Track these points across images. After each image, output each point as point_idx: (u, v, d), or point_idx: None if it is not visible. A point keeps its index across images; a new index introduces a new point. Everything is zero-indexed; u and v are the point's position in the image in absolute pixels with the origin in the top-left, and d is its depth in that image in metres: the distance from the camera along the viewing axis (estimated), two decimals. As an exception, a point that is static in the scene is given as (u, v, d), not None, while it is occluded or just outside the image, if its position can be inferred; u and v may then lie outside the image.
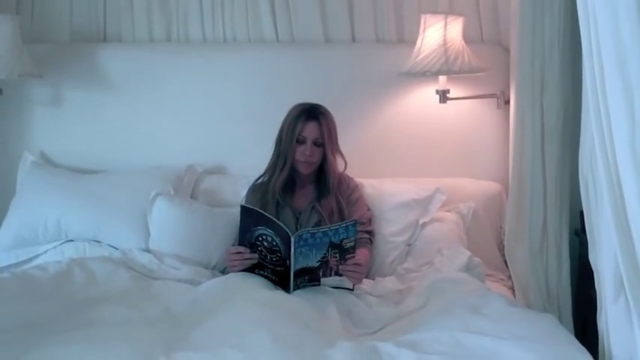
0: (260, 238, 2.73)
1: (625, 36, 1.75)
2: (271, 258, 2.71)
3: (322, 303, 2.56)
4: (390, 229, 3.18)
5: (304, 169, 3.09)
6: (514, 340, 2.04)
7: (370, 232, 3.12)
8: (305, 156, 3.06)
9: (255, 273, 2.76)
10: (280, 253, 2.67)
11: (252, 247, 2.77)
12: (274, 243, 2.67)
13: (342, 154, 3.16)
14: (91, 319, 2.41)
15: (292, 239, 2.59)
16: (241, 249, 2.79)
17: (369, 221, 3.14)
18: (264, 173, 3.16)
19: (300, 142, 3.07)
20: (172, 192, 3.36)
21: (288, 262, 2.63)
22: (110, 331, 2.26)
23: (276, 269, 2.71)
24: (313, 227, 2.87)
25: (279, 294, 2.60)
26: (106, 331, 2.26)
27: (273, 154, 3.14)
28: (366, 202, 3.20)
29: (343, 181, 3.17)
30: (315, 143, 3.07)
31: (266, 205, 3.07)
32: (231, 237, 3.15)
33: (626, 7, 1.73)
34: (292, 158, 3.07)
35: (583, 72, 2.07)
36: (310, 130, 3.07)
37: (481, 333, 2.10)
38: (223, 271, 3.12)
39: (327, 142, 3.07)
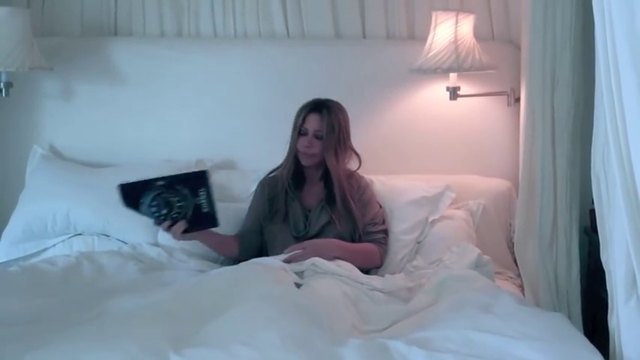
0: (154, 203, 2.78)
1: (640, 33, 1.75)
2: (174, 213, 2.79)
3: (331, 299, 2.55)
4: (400, 227, 3.17)
5: (304, 161, 3.11)
6: (524, 340, 2.02)
7: (385, 231, 3.13)
8: (303, 147, 3.09)
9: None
10: (182, 201, 2.76)
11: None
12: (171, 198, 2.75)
13: (355, 152, 3.17)
14: (100, 312, 2.41)
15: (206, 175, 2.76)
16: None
17: (383, 220, 3.15)
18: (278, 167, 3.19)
19: (303, 133, 3.09)
20: (180, 186, 3.35)
21: (199, 202, 2.74)
22: (119, 326, 2.25)
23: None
24: None
25: (288, 289, 2.60)
26: (115, 326, 2.25)
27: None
28: (377, 199, 3.20)
29: (354, 181, 3.17)
30: (316, 136, 3.08)
31: (275, 197, 3.10)
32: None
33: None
34: (295, 150, 3.11)
35: (596, 69, 2.05)
36: (311, 122, 3.09)
37: (491, 332, 2.09)
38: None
39: (326, 136, 3.07)
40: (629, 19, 1.76)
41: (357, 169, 3.20)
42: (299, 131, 3.10)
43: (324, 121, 3.08)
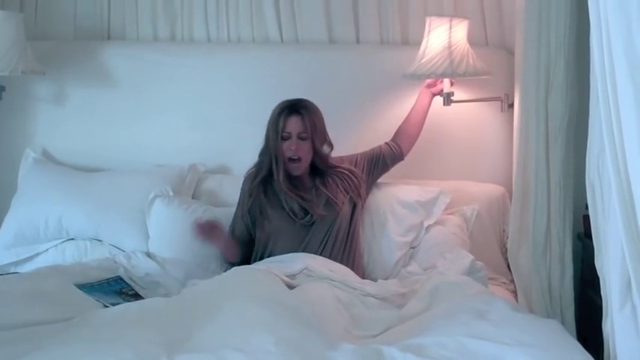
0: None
1: (637, 43, 1.74)
2: None
3: (324, 302, 2.54)
4: (395, 230, 3.19)
5: (295, 171, 3.09)
6: (519, 346, 2.02)
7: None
8: (291, 151, 3.05)
9: None
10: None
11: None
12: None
13: (330, 142, 3.17)
14: (91, 316, 2.42)
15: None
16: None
17: (375, 148, 3.30)
18: (259, 168, 3.15)
19: (285, 138, 3.06)
20: (171, 193, 3.33)
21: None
22: (113, 330, 2.25)
23: None
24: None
25: (280, 291, 2.59)
26: (109, 330, 2.26)
27: (262, 152, 3.14)
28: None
29: (334, 162, 3.20)
30: (300, 137, 3.06)
31: (270, 202, 3.09)
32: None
33: (640, 14, 1.73)
34: (282, 156, 3.06)
35: (591, 77, 2.05)
36: (293, 125, 3.06)
37: (485, 338, 2.09)
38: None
39: (313, 135, 3.07)
40: (626, 28, 1.76)
41: (330, 152, 3.20)
42: (281, 136, 3.07)
43: (306, 122, 3.06)
